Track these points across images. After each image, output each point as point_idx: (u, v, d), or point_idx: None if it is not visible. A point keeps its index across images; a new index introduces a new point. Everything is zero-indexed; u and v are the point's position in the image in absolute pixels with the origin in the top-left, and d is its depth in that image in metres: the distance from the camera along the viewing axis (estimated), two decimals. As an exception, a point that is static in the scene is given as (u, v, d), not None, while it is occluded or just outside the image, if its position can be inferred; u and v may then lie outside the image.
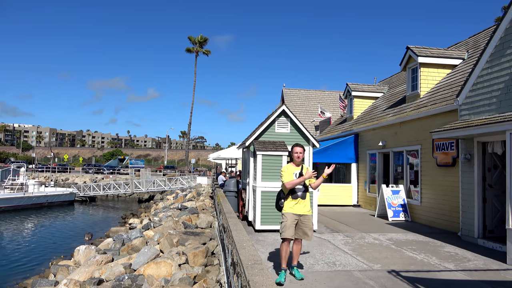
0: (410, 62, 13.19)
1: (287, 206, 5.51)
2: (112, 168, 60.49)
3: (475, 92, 8.65)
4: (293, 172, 5.55)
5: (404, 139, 12.54)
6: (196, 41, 53.65)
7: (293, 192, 5.50)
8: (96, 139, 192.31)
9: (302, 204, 5.52)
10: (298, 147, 5.64)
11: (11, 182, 31.56)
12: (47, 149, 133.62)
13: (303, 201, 5.53)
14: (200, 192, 25.99)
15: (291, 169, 5.61)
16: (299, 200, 5.51)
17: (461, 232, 9.09)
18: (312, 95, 27.89)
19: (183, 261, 8.34)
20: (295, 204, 5.49)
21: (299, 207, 5.50)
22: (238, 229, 6.04)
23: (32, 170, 56.07)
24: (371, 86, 18.95)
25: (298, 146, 5.65)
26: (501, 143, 8.06)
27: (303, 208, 5.52)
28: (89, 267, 9.37)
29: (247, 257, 3.94)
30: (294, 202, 5.50)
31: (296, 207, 5.49)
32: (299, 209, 5.49)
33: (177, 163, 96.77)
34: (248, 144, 10.41)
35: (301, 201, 5.51)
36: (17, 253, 16.92)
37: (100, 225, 24.58)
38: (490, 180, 8.61)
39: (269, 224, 9.44)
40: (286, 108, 10.19)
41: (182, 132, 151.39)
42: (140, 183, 37.87)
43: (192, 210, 15.68)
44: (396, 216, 11.88)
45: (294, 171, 5.57)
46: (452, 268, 6.50)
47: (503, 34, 7.88)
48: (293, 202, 5.51)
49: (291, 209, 5.47)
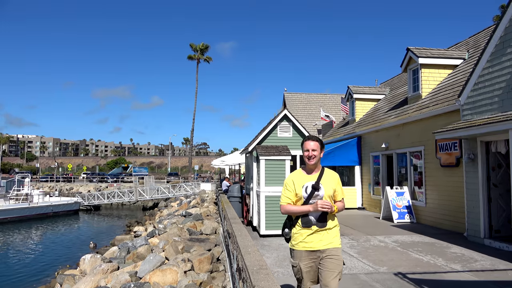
0: (410, 63, 13.20)
1: (297, 237, 3.51)
2: (116, 176, 60.63)
3: (476, 91, 8.65)
4: (302, 184, 3.51)
5: (407, 141, 12.52)
6: (198, 49, 53.96)
7: (304, 216, 3.49)
8: (99, 148, 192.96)
9: (321, 234, 3.47)
10: (311, 141, 3.56)
11: (16, 192, 31.71)
12: (51, 159, 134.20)
13: (323, 229, 3.47)
14: (204, 199, 26.00)
15: (298, 179, 3.55)
16: (315, 228, 3.46)
17: (467, 233, 9.04)
18: (313, 98, 27.90)
19: (189, 268, 8.33)
20: (308, 235, 3.46)
21: (316, 240, 3.46)
22: (242, 234, 6.04)
23: (36, 180, 56.26)
24: (373, 88, 18.96)
25: (311, 140, 3.57)
26: (504, 142, 8.03)
27: (322, 239, 3.47)
28: (95, 276, 9.37)
29: (252, 263, 3.94)
30: (306, 231, 3.47)
31: (311, 239, 3.46)
32: (316, 242, 3.46)
33: (180, 169, 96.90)
34: (251, 149, 10.43)
35: (319, 231, 3.46)
36: (23, 263, 16.95)
37: (105, 233, 24.60)
38: (495, 179, 8.58)
39: (274, 229, 9.43)
40: (288, 113, 10.21)
41: (185, 139, 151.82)
42: (144, 191, 37.91)
43: (196, 216, 15.68)
44: (401, 218, 11.83)
45: (304, 182, 3.52)
46: (458, 269, 6.46)
47: (503, 33, 7.89)
48: (304, 232, 3.48)
49: (302, 243, 3.48)
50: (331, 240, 3.48)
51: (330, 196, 3.51)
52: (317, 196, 3.47)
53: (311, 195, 3.47)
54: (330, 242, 3.47)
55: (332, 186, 3.52)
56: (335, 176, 3.64)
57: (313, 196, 3.47)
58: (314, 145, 3.55)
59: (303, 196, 3.49)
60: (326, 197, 3.47)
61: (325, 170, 3.60)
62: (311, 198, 3.47)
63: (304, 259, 3.48)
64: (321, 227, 3.46)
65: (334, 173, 3.66)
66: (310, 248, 3.46)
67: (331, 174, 3.62)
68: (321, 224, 3.46)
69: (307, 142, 3.58)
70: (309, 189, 3.48)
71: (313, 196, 3.47)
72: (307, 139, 3.61)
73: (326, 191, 3.49)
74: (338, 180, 3.63)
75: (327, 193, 3.49)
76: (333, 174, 3.65)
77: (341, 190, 3.61)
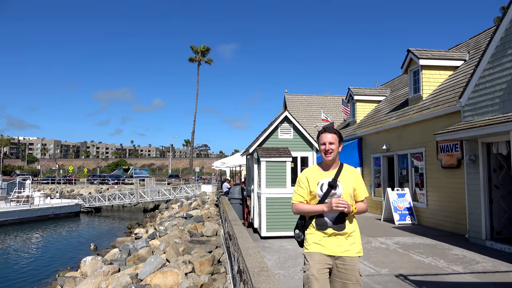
0: (411, 64, 13.20)
1: (310, 239, 3.13)
2: (116, 178, 60.69)
3: (477, 93, 8.64)
4: (317, 181, 3.15)
5: (408, 142, 12.51)
6: (199, 51, 54.13)
7: (318, 215, 3.12)
8: (100, 149, 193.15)
9: (339, 239, 3.08)
10: (328, 133, 3.17)
11: (17, 194, 31.72)
12: (52, 161, 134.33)
13: (341, 233, 3.08)
14: (205, 200, 25.98)
15: (312, 176, 3.19)
16: (331, 231, 3.08)
17: (469, 234, 9.02)
18: (314, 100, 27.91)
19: (190, 270, 8.32)
20: (324, 237, 3.09)
21: (332, 243, 3.07)
22: (243, 236, 6.03)
23: (37, 182, 56.32)
24: (373, 90, 18.96)
25: (328, 132, 3.18)
26: (505, 144, 8.02)
27: (340, 244, 3.08)
28: (96, 278, 9.37)
29: (253, 265, 3.93)
30: (321, 234, 3.10)
31: (327, 242, 3.08)
32: (332, 246, 3.07)
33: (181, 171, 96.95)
34: (252, 151, 10.43)
35: (336, 234, 3.08)
36: (24, 266, 16.95)
37: (106, 235, 24.59)
38: (496, 181, 8.56)
39: (275, 230, 9.42)
40: (288, 114, 10.21)
41: (186, 141, 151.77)
42: (145, 193, 37.92)
43: (197, 218, 15.68)
44: (403, 220, 11.80)
45: (319, 179, 3.15)
46: (460, 270, 6.45)
47: (504, 35, 7.89)
48: (319, 234, 3.11)
49: (317, 245, 3.08)
50: (349, 246, 3.07)
51: (350, 195, 3.12)
52: (334, 195, 3.09)
53: (327, 194, 3.09)
54: (348, 249, 3.06)
55: (351, 184, 3.14)
56: (356, 173, 3.25)
57: (329, 194, 3.09)
58: (331, 138, 3.14)
59: (318, 195, 3.12)
60: (344, 196, 3.09)
61: (344, 166, 3.21)
62: (327, 197, 3.09)
63: (317, 263, 3.02)
64: (338, 230, 3.06)
65: (355, 170, 3.28)
66: (326, 252, 3.06)
67: (351, 171, 3.23)
68: (337, 226, 3.07)
69: (324, 135, 3.17)
70: (325, 186, 3.10)
71: (329, 194, 3.09)
72: (323, 131, 3.19)
73: (344, 189, 3.10)
74: (359, 177, 3.23)
75: (345, 191, 3.10)
76: (354, 170, 3.25)
77: (363, 189, 3.21)
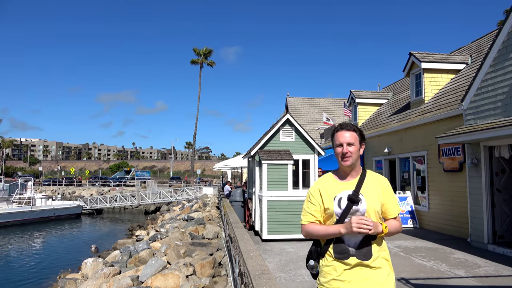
0: (413, 68, 13.20)
1: (327, 274, 2.35)
2: (118, 180, 60.75)
3: (479, 96, 8.63)
4: (334, 195, 2.41)
5: (410, 145, 12.49)
6: (201, 53, 54.26)
7: (337, 241, 2.36)
8: (102, 151, 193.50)
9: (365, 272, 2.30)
10: (345, 131, 2.44)
11: (18, 196, 31.79)
12: (54, 162, 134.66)
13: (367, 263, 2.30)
14: (206, 203, 25.97)
15: (327, 188, 2.45)
16: (355, 261, 2.30)
17: (471, 238, 8.98)
18: (316, 103, 27.93)
19: (191, 272, 8.31)
20: (345, 270, 2.31)
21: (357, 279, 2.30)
22: (245, 239, 6.02)
23: (39, 183, 56.43)
24: (375, 93, 18.95)
25: (345, 130, 2.45)
26: (508, 147, 8.00)
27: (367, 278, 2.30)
28: (97, 280, 9.36)
29: (254, 267, 3.93)
30: (341, 265, 2.32)
31: (350, 276, 2.30)
32: (358, 283, 2.29)
33: (182, 173, 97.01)
34: (253, 153, 10.43)
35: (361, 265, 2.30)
36: (25, 267, 16.95)
37: (107, 237, 24.59)
38: (498, 184, 8.53)
39: (276, 233, 9.40)
40: (290, 117, 10.22)
41: (188, 143, 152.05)
42: (147, 195, 37.93)
43: (198, 220, 15.67)
44: (404, 223, 11.77)
45: (337, 192, 2.41)
46: (462, 274, 6.42)
47: (506, 38, 7.88)
48: (339, 266, 2.33)
49: (337, 282, 2.31)
50: (382, 281, 2.30)
51: (376, 211, 2.37)
52: (356, 212, 2.35)
53: (347, 211, 2.35)
54: (381, 284, 2.29)
55: (378, 197, 2.40)
56: (384, 182, 2.48)
57: (350, 212, 2.35)
58: (350, 137, 2.42)
59: (336, 213, 2.38)
60: (370, 213, 2.36)
61: (368, 174, 2.48)
62: (347, 215, 2.35)
63: None
64: (364, 258, 2.30)
65: (382, 178, 2.51)
66: None
67: (377, 179, 2.47)
68: (363, 254, 2.31)
69: (340, 133, 2.44)
70: (344, 201, 2.37)
71: (350, 212, 2.35)
72: (340, 129, 2.47)
73: (369, 205, 2.36)
74: (388, 187, 2.47)
75: (371, 207, 2.36)
76: (380, 179, 2.49)
77: (394, 203, 2.44)
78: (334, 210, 2.38)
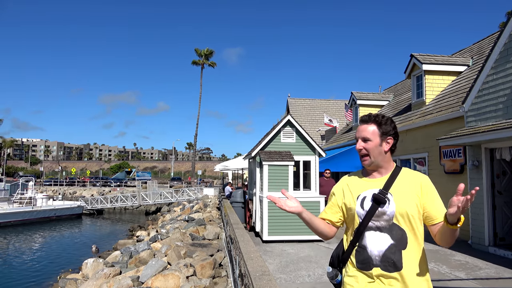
0: (414, 69, 13.20)
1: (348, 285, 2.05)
2: (119, 180, 60.79)
3: (481, 98, 8.62)
4: (358, 194, 2.11)
5: (411, 147, 12.48)
6: (202, 54, 54.34)
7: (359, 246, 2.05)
8: (103, 152, 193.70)
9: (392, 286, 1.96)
10: (364, 125, 2.16)
11: (19, 196, 31.84)
12: (55, 162, 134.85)
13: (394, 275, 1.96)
14: (207, 204, 25.99)
15: (352, 185, 2.17)
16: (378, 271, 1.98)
17: (472, 240, 8.97)
18: (317, 104, 27.93)
19: (191, 273, 8.31)
20: (369, 283, 1.99)
21: None
22: (245, 240, 6.02)
23: (40, 184, 56.50)
24: (376, 94, 18.96)
25: (364, 123, 2.16)
26: (509, 149, 7.99)
27: None
28: (97, 280, 9.37)
29: (254, 268, 3.93)
30: (364, 277, 2.01)
31: None
32: None
33: (183, 174, 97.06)
34: (254, 154, 10.43)
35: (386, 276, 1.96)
36: (26, 267, 16.97)
37: (107, 237, 24.60)
38: (499, 186, 8.53)
39: (277, 234, 9.40)
40: (291, 118, 10.22)
41: (188, 144, 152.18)
42: (147, 195, 37.94)
43: (199, 221, 15.67)
44: (405, 225, 11.75)
45: (361, 191, 2.11)
46: (463, 277, 6.41)
47: (507, 40, 7.88)
48: (362, 278, 2.01)
49: None
50: None
51: (410, 215, 2.01)
52: (382, 214, 1.99)
53: (371, 213, 2.00)
54: None
55: (413, 199, 2.01)
56: (424, 180, 2.06)
57: (375, 213, 1.99)
58: (367, 131, 2.10)
59: (358, 214, 2.04)
60: (399, 217, 2.00)
61: (402, 170, 2.11)
62: (372, 217, 2.00)
63: None
64: (390, 270, 1.95)
65: (421, 176, 2.09)
66: None
67: (414, 177, 2.07)
68: (388, 263, 1.96)
69: (358, 128, 2.17)
70: (368, 201, 2.03)
71: (375, 213, 1.99)
72: (360, 122, 2.19)
73: (399, 206, 1.99)
74: (428, 187, 2.04)
75: (401, 209, 1.99)
76: (419, 177, 2.08)
77: (439, 204, 2.07)
78: (356, 210, 2.06)
